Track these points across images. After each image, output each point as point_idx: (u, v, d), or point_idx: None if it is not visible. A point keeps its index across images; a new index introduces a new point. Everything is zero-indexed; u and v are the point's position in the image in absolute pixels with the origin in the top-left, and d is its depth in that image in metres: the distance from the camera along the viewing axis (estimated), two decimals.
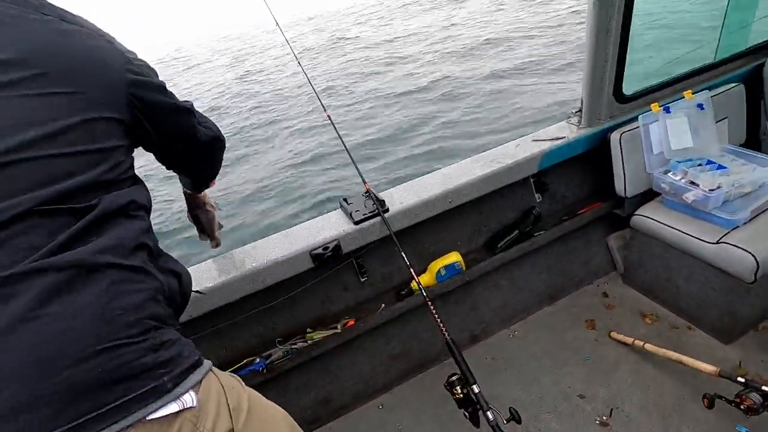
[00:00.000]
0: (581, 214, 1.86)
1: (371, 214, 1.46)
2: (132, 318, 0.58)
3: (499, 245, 1.75)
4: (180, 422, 0.59)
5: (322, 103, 1.72)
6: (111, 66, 0.66)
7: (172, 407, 0.58)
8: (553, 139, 1.74)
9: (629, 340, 1.59)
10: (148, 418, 0.56)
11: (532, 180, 1.81)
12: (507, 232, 1.78)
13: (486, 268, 1.71)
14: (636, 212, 1.74)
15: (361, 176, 1.53)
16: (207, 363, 0.67)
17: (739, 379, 1.23)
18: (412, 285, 1.64)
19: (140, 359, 0.57)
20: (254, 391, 0.78)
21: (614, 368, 1.57)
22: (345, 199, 1.56)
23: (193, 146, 0.89)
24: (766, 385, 1.18)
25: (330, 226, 1.46)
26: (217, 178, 1.15)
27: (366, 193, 1.52)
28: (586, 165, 1.87)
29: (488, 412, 1.17)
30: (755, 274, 1.38)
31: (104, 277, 0.57)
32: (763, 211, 1.53)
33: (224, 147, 1.02)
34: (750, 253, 1.38)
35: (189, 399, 0.60)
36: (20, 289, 0.52)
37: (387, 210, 1.47)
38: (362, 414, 1.60)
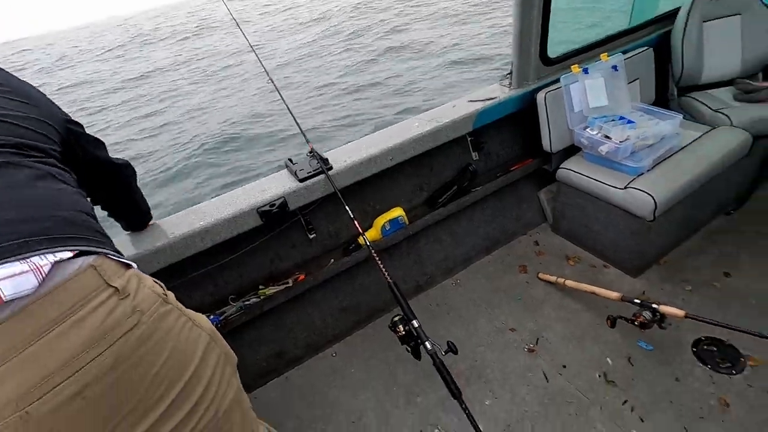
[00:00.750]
0: (513, 171, 2.02)
1: (315, 171, 1.52)
2: None
3: (439, 201, 1.88)
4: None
5: (265, 68, 1.73)
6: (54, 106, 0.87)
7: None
8: (486, 100, 1.86)
9: (553, 278, 1.79)
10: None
11: (468, 139, 1.94)
12: (446, 189, 1.90)
13: (428, 222, 1.84)
14: (561, 166, 1.92)
15: (305, 137, 1.58)
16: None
17: (636, 300, 1.44)
18: (359, 240, 1.73)
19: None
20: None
21: (541, 305, 1.76)
22: (290, 160, 1.61)
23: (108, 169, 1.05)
24: (656, 304, 1.39)
25: (276, 185, 1.52)
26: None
27: (310, 152, 1.57)
28: (518, 124, 2.02)
29: (426, 343, 1.30)
30: (654, 213, 1.59)
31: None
32: (664, 160, 1.74)
33: (135, 173, 1.18)
34: (650, 195, 1.58)
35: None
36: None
37: (330, 168, 1.54)
38: (316, 363, 1.71)
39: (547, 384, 1.47)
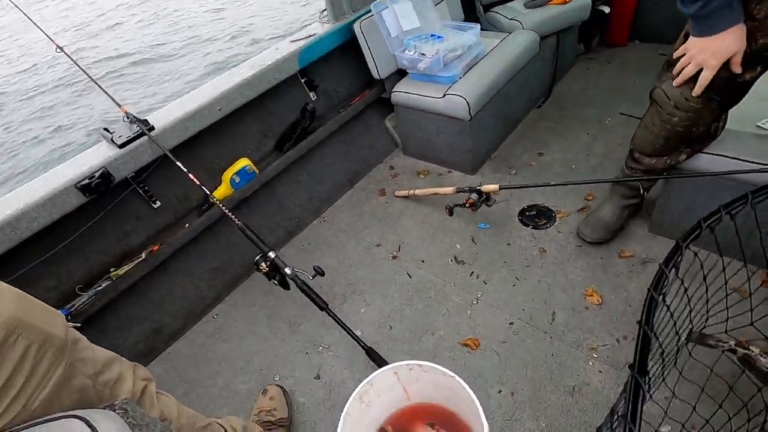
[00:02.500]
0: (354, 103, 2.12)
1: (136, 134, 1.44)
2: None
3: (286, 144, 1.91)
4: None
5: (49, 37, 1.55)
6: None
7: None
8: (306, 38, 1.89)
9: (405, 192, 1.97)
10: None
11: (301, 79, 1.97)
12: (291, 131, 1.94)
13: (280, 167, 1.87)
14: (393, 90, 2.06)
15: (115, 101, 1.47)
16: None
17: (465, 188, 1.66)
18: (211, 198, 1.70)
19: None
20: None
21: (400, 218, 1.93)
22: (106, 129, 1.49)
23: None
24: (478, 186, 1.62)
25: (93, 157, 1.41)
26: None
27: (126, 117, 1.48)
28: (347, 59, 2.10)
29: (286, 269, 1.37)
30: (469, 112, 1.81)
31: None
32: (472, 67, 1.97)
33: None
34: (463, 97, 1.79)
35: None
36: None
37: (152, 128, 1.47)
38: (199, 329, 1.69)
39: (411, 279, 1.65)
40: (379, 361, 1.33)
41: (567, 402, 1.20)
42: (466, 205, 1.61)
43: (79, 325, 0.77)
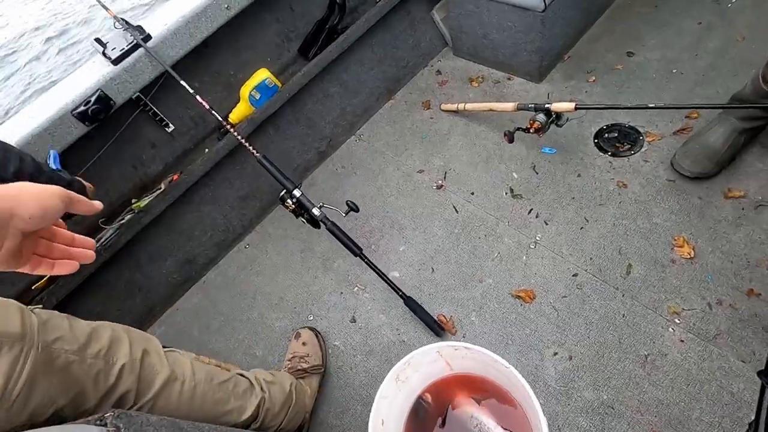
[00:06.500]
0: None
1: (131, 47, 1.20)
2: None
3: (312, 49, 1.60)
4: None
5: None
6: None
7: None
8: None
9: (454, 107, 1.64)
10: None
11: None
12: (318, 32, 1.60)
13: (307, 78, 1.58)
14: None
15: (101, 4, 1.21)
16: None
17: (530, 105, 1.33)
18: (225, 125, 1.49)
19: None
20: None
21: (447, 137, 1.65)
22: (98, 40, 1.26)
23: None
24: (548, 104, 1.28)
25: (88, 77, 1.21)
26: None
27: (117, 23, 1.22)
28: None
29: (313, 210, 1.20)
30: (544, 1, 1.38)
31: None
32: None
33: None
34: None
35: None
36: None
37: (149, 37, 1.22)
38: (231, 258, 1.62)
39: (457, 215, 1.44)
40: (418, 312, 1.21)
41: (636, 373, 1.03)
42: (531, 131, 1.30)
43: (41, 306, 0.67)
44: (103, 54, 1.19)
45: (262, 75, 1.47)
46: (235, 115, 1.50)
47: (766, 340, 0.99)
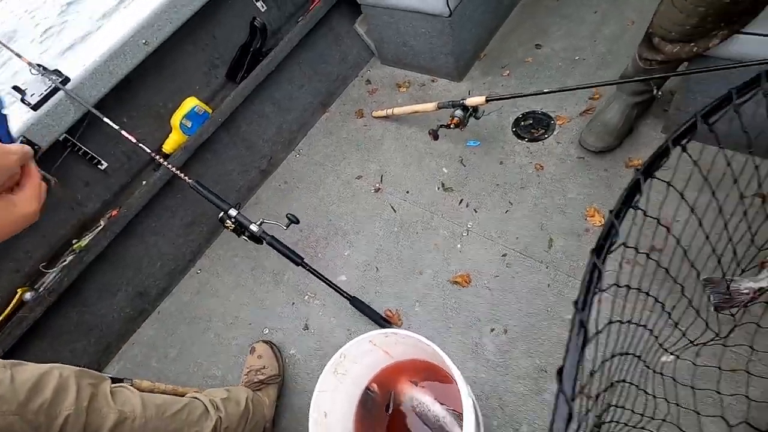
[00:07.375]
0: (313, 8, 1.77)
1: (49, 91, 1.22)
2: None
3: (239, 74, 1.65)
4: None
5: None
6: None
7: None
8: None
9: (383, 113, 1.73)
10: None
11: None
12: (242, 56, 1.66)
13: (237, 102, 1.63)
14: None
15: (11, 49, 1.22)
16: None
17: (448, 103, 1.42)
18: (163, 149, 1.52)
19: None
20: None
21: (380, 143, 1.73)
22: (16, 87, 1.27)
23: None
24: (462, 99, 1.38)
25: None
26: None
27: (33, 69, 1.24)
28: None
29: (251, 226, 1.25)
30: (448, 5, 1.49)
31: None
32: None
33: None
34: None
35: None
36: None
37: (67, 80, 1.24)
38: (183, 286, 1.64)
39: (395, 214, 1.51)
40: (365, 310, 1.27)
41: (563, 336, 1.13)
42: (452, 126, 1.39)
43: None
44: (22, 101, 1.21)
45: (191, 103, 1.51)
46: (169, 145, 1.53)
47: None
